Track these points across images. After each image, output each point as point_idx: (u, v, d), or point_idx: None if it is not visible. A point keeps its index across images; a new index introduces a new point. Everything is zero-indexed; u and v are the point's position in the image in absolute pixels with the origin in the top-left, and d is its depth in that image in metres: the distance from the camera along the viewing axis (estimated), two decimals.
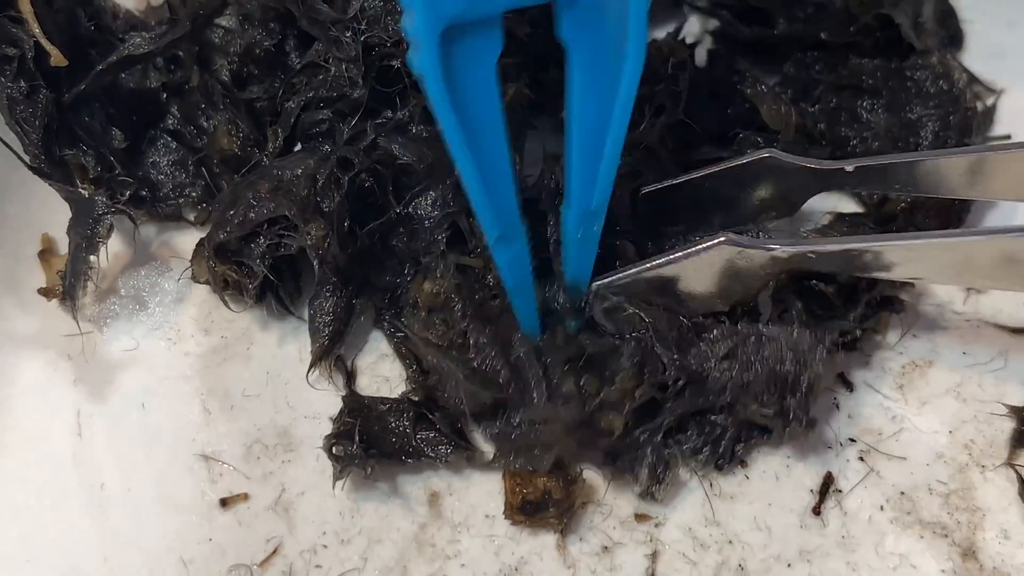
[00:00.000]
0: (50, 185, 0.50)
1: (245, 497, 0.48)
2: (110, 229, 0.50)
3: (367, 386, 0.51)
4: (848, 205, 0.56)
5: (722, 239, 0.46)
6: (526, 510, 0.46)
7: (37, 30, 0.49)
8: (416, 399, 0.49)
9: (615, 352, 0.47)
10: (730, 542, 0.46)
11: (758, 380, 0.47)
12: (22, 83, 0.50)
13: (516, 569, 0.46)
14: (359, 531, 0.47)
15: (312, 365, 0.50)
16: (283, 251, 0.50)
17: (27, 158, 0.50)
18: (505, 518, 0.47)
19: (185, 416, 0.49)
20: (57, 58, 0.49)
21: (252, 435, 0.49)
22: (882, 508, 0.47)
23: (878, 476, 0.48)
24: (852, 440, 0.49)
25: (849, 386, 0.50)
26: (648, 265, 0.48)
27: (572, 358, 0.47)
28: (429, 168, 0.51)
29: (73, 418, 0.49)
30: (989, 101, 0.59)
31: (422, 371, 0.50)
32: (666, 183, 0.53)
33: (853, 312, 0.49)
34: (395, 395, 0.50)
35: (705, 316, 0.49)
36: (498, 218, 0.43)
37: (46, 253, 0.53)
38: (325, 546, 0.46)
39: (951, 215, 0.54)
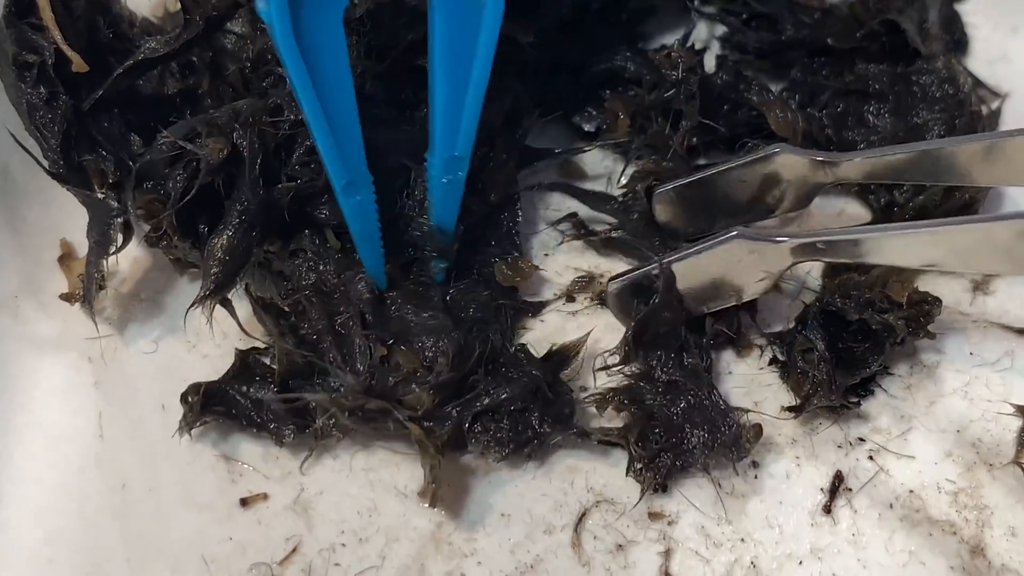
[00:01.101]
0: (67, 190, 0.51)
1: (265, 497, 0.48)
2: (129, 233, 0.51)
3: None
4: (855, 210, 0.57)
5: (734, 233, 0.47)
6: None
7: (58, 36, 0.50)
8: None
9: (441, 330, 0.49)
10: (742, 540, 0.47)
11: (661, 422, 0.48)
12: (42, 89, 0.51)
13: (532, 567, 0.47)
14: (377, 530, 0.48)
15: (195, 302, 0.49)
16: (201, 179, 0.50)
17: (46, 163, 0.51)
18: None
19: None
20: (78, 64, 0.50)
21: None
22: (891, 506, 0.48)
23: (887, 475, 0.49)
24: (861, 440, 0.50)
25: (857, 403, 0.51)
26: (663, 262, 0.49)
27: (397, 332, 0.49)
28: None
29: (95, 419, 0.50)
30: (994, 105, 0.60)
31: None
32: (679, 182, 0.54)
33: (878, 359, 0.49)
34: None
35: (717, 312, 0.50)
36: (345, 166, 0.46)
37: (66, 258, 0.54)
38: (344, 544, 0.47)
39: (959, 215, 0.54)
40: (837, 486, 0.48)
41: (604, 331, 0.52)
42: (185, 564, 0.47)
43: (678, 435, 0.48)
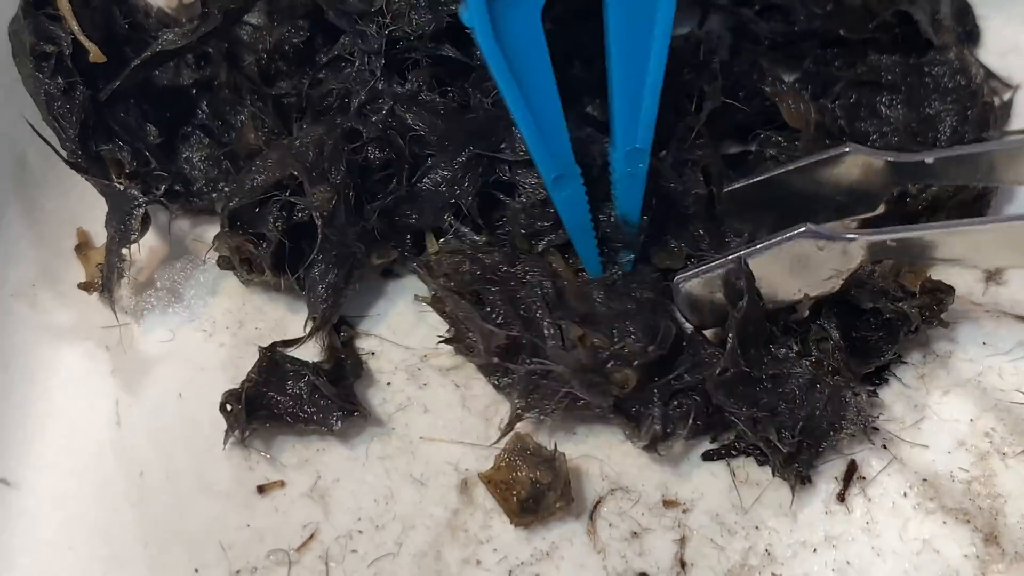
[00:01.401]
0: (86, 180, 0.51)
1: (282, 484, 0.49)
2: (146, 223, 0.51)
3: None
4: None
5: (803, 229, 0.47)
6: (528, 508, 0.47)
7: (76, 27, 0.50)
8: (327, 367, 0.50)
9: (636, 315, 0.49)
10: (756, 528, 0.47)
11: (790, 416, 0.48)
12: (59, 79, 0.52)
13: (547, 554, 0.47)
14: (393, 517, 0.48)
15: (310, 335, 0.50)
16: (296, 217, 0.51)
17: (64, 153, 0.51)
18: (516, 527, 0.47)
19: None
20: (96, 55, 0.50)
21: None
22: (905, 495, 0.48)
23: (901, 463, 0.49)
24: (875, 428, 0.50)
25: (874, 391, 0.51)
26: (730, 257, 0.48)
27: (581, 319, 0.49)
28: (441, 140, 0.52)
29: (112, 408, 0.50)
30: (1006, 96, 0.60)
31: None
32: (747, 180, 0.53)
33: (892, 347, 0.50)
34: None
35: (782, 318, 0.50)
36: (554, 160, 0.47)
37: (83, 247, 0.54)
38: (360, 531, 0.48)
39: (972, 211, 0.54)
40: (851, 474, 0.49)
41: None
42: (203, 550, 0.47)
43: (807, 423, 0.48)
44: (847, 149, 0.51)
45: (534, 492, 0.47)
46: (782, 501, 0.48)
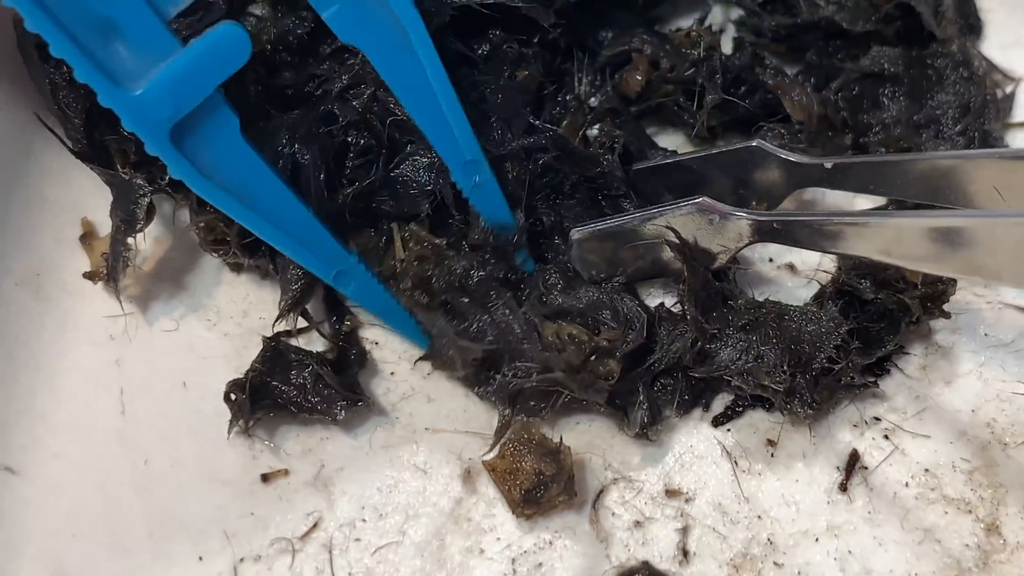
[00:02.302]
0: (91, 169, 0.51)
1: (285, 473, 0.49)
2: (150, 212, 0.51)
3: None
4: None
5: (699, 200, 0.48)
6: (530, 499, 0.47)
7: None
8: (330, 357, 0.50)
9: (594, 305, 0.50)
10: (759, 517, 0.48)
11: (773, 354, 0.48)
12: (64, 69, 0.51)
13: (551, 543, 0.47)
14: (397, 506, 0.48)
15: (280, 316, 0.50)
16: None
17: (70, 143, 0.52)
18: (517, 517, 0.47)
19: None
20: None
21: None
22: (907, 485, 0.48)
23: (903, 454, 0.49)
24: (877, 419, 0.50)
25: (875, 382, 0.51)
26: (628, 217, 0.50)
27: (550, 314, 0.50)
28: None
29: (116, 397, 0.51)
30: (1008, 89, 0.60)
31: None
32: (656, 161, 0.55)
33: (894, 338, 0.50)
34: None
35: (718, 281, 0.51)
36: (326, 261, 0.48)
37: (87, 237, 0.54)
38: (364, 520, 0.48)
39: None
40: (853, 464, 0.49)
41: None
42: (207, 538, 0.47)
43: (791, 355, 0.48)
44: (754, 144, 0.52)
45: (537, 483, 0.47)
46: (784, 491, 0.48)
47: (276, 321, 0.51)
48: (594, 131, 0.58)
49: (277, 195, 0.46)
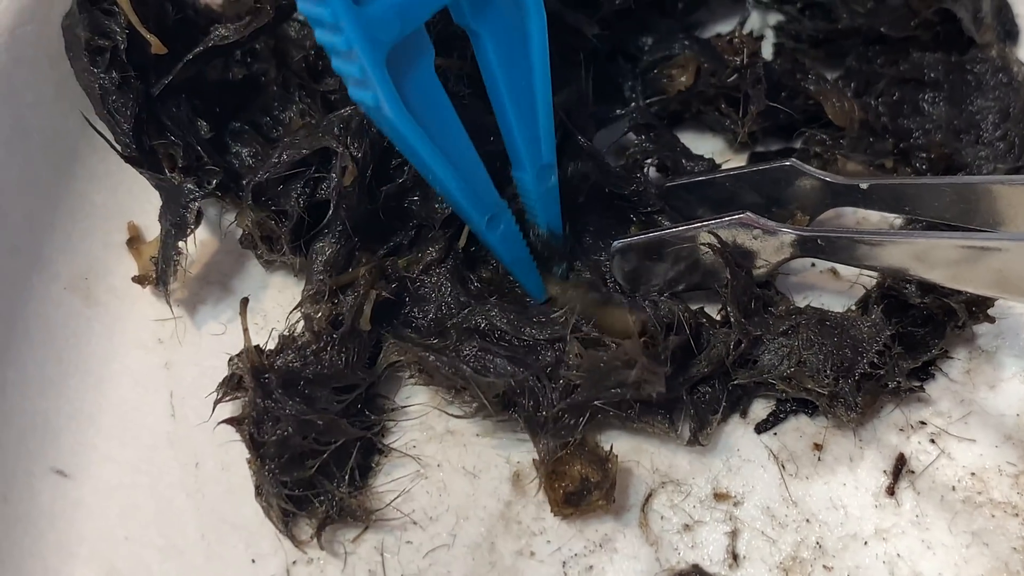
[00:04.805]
0: (141, 173, 0.52)
1: None
2: (199, 216, 0.52)
3: None
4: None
5: (742, 215, 0.49)
6: (571, 501, 0.47)
7: (135, 20, 0.50)
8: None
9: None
10: (807, 521, 0.48)
11: (816, 359, 0.48)
12: (114, 74, 0.52)
13: (600, 545, 0.47)
14: (447, 509, 0.48)
15: (300, 304, 0.50)
16: (319, 193, 0.51)
17: (120, 148, 0.52)
18: (555, 515, 0.48)
19: None
20: (157, 46, 0.51)
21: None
22: (954, 488, 0.48)
23: (949, 458, 0.49)
24: (923, 423, 0.50)
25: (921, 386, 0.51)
26: (671, 230, 0.51)
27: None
28: None
29: (166, 399, 0.51)
30: None
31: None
32: (691, 179, 0.55)
33: (939, 343, 0.50)
34: None
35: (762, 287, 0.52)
36: (483, 204, 0.47)
37: (134, 241, 0.54)
38: (415, 523, 0.48)
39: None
40: (900, 468, 0.49)
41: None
42: (259, 539, 0.47)
43: (834, 359, 0.49)
44: (788, 163, 0.53)
45: (581, 487, 0.47)
46: (832, 495, 0.48)
47: (293, 310, 0.50)
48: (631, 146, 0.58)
49: (455, 133, 0.45)
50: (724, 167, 0.57)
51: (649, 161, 0.55)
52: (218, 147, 0.56)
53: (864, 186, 0.51)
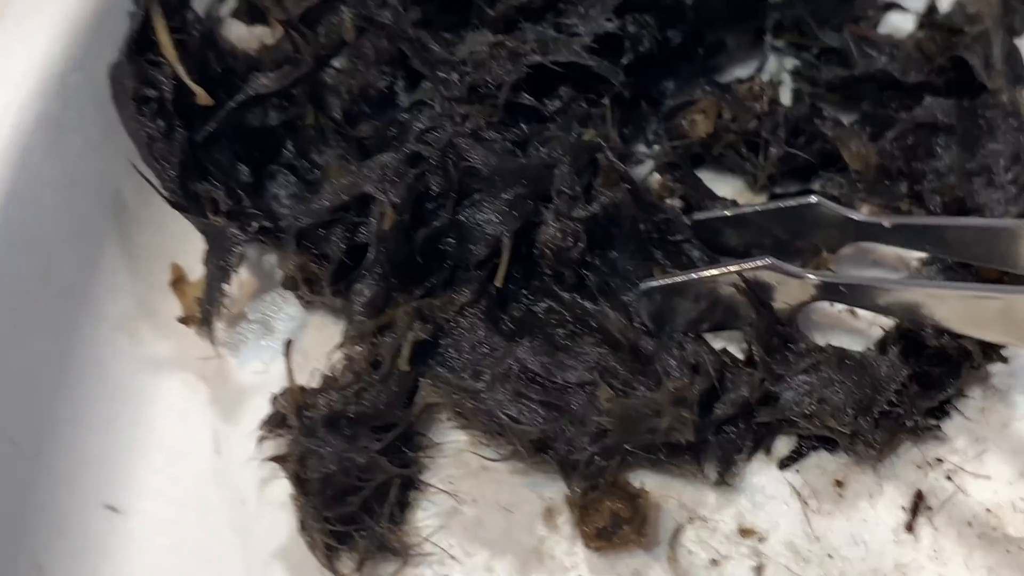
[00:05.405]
0: (187, 218, 0.54)
1: None
2: (241, 258, 0.54)
3: None
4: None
5: (768, 262, 0.51)
6: (603, 535, 0.49)
7: (182, 72, 0.53)
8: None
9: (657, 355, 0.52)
10: (830, 556, 0.50)
11: (837, 398, 0.51)
12: (160, 122, 0.54)
13: None
14: (483, 543, 0.50)
15: (341, 345, 0.52)
16: (359, 236, 0.53)
17: (166, 193, 0.54)
18: (587, 547, 0.50)
19: None
20: (203, 97, 0.53)
21: None
22: (970, 524, 0.50)
23: (965, 494, 0.51)
24: (939, 460, 0.52)
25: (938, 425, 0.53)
26: (697, 275, 0.53)
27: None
28: (492, 176, 0.54)
29: (211, 436, 0.53)
30: None
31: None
32: (716, 214, 0.57)
33: (955, 382, 0.52)
34: None
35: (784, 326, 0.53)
36: None
37: (178, 282, 0.56)
38: (453, 557, 0.50)
39: None
40: (918, 505, 0.51)
41: None
42: (302, 573, 0.49)
43: (854, 397, 0.51)
44: (813, 200, 0.55)
45: (612, 523, 0.49)
46: (853, 530, 0.50)
47: (334, 350, 0.53)
48: (654, 183, 0.60)
49: None
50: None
51: (674, 199, 0.57)
52: (257, 190, 0.58)
53: (888, 224, 0.53)
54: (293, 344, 0.52)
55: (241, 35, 0.62)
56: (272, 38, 0.62)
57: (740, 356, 0.54)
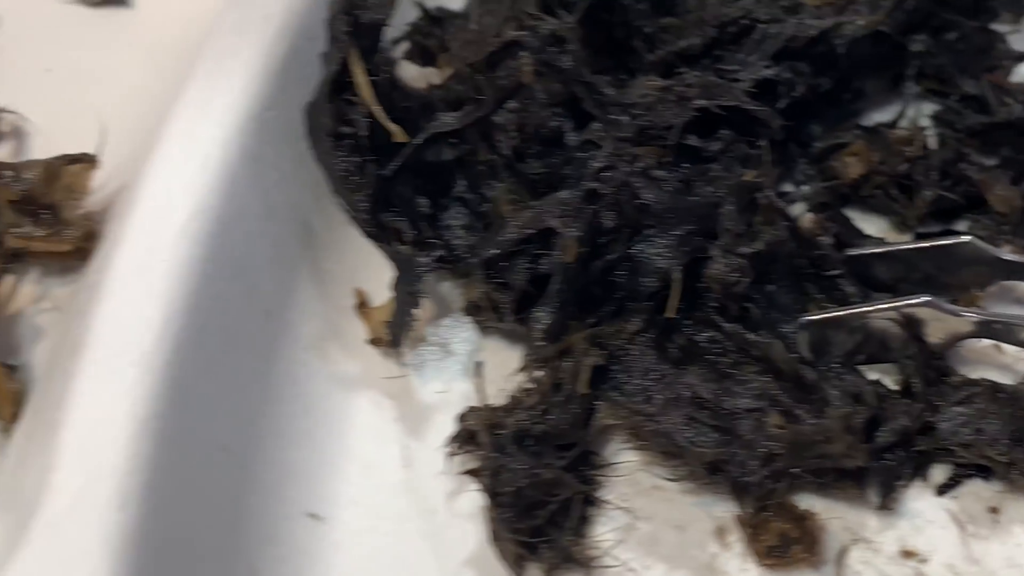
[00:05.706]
0: (379, 247, 0.58)
1: None
2: (427, 285, 0.58)
3: None
4: None
5: (927, 299, 0.55)
6: (773, 554, 0.52)
7: (380, 113, 0.57)
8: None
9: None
10: None
11: (992, 428, 0.53)
12: (355, 158, 0.58)
13: None
14: (658, 557, 0.53)
15: (522, 369, 0.56)
16: (540, 267, 0.57)
17: (360, 225, 0.58)
18: (759, 564, 0.53)
19: None
20: (399, 135, 0.57)
21: None
22: None
23: None
24: None
25: None
26: (857, 310, 0.56)
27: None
28: (663, 213, 0.57)
29: (399, 451, 0.57)
30: None
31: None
32: (869, 250, 0.60)
33: None
34: None
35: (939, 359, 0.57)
36: None
37: (362, 306, 0.60)
38: (632, 570, 0.53)
39: None
40: None
41: None
42: None
43: (1010, 429, 0.53)
44: (966, 240, 0.58)
45: (780, 542, 0.52)
46: (1009, 554, 0.53)
47: (516, 373, 0.56)
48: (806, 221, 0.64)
49: None
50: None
51: (827, 237, 0.61)
52: (434, 221, 0.62)
53: None
54: (480, 367, 0.56)
55: (412, 75, 0.66)
56: (439, 78, 0.66)
57: (891, 387, 0.57)
